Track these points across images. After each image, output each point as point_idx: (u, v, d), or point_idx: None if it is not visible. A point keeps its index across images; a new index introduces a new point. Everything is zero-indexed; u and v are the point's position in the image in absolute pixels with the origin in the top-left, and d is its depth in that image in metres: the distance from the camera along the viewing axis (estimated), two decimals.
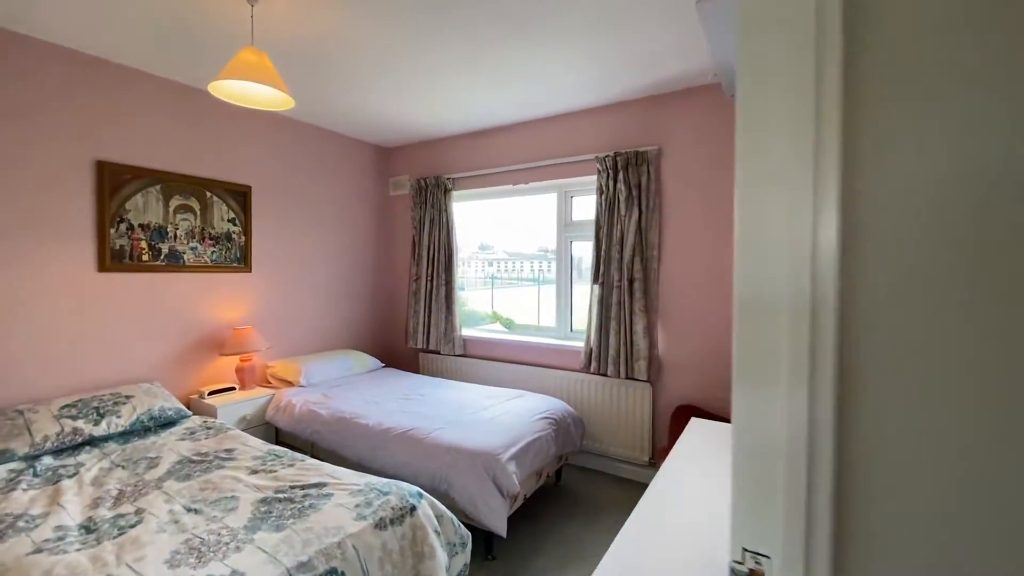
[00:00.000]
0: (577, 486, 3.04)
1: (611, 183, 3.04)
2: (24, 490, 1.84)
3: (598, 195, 3.11)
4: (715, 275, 2.82)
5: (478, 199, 4.02)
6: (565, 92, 2.97)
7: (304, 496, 1.76)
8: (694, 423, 1.86)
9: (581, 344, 3.32)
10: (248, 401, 2.99)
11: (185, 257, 2.96)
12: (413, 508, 1.74)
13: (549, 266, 3.80)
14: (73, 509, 1.71)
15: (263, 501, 1.73)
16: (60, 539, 1.51)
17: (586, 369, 3.20)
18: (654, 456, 3.03)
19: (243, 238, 3.27)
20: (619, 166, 2.99)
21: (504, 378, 3.60)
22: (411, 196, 4.16)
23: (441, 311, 3.89)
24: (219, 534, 1.53)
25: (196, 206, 3.01)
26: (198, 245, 3.03)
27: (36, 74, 2.35)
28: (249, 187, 3.28)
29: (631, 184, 2.96)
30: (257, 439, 2.41)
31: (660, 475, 1.38)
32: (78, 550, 1.46)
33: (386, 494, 1.76)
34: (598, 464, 3.25)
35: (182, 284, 2.96)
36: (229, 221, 3.19)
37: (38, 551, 1.44)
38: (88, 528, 1.59)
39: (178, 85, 2.89)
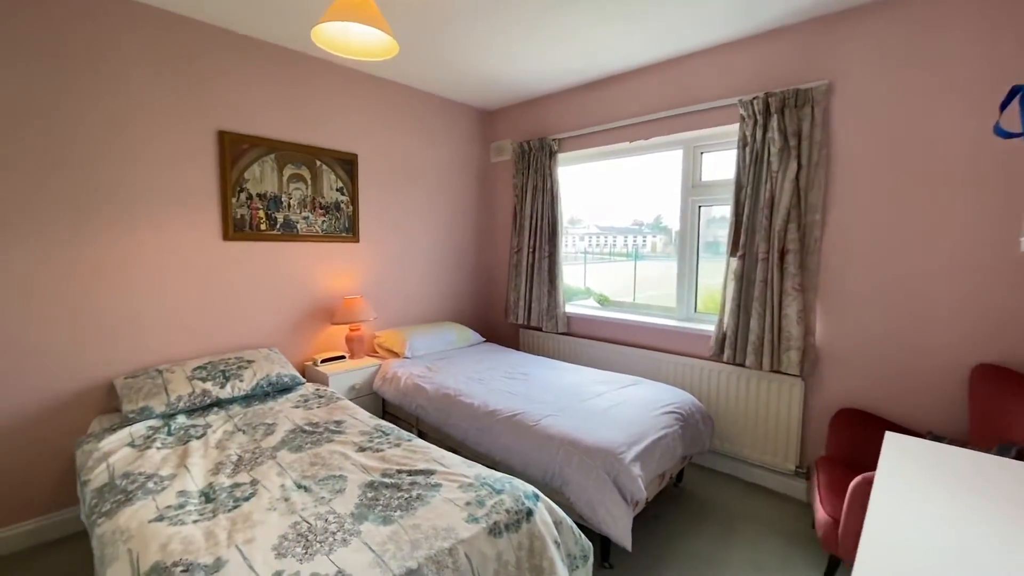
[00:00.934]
0: (703, 491, 2.65)
1: (758, 132, 2.49)
2: (158, 448, 1.91)
3: (740, 148, 2.58)
4: (905, 242, 2.19)
5: (586, 161, 3.63)
6: (704, 21, 2.45)
7: (411, 484, 1.61)
8: (893, 440, 1.40)
9: (708, 328, 2.86)
10: (357, 371, 2.99)
11: (299, 227, 2.98)
12: (530, 512, 1.50)
13: (644, 240, 3.44)
14: (197, 473, 1.72)
15: (370, 485, 1.61)
16: (181, 507, 1.50)
17: (716, 357, 2.74)
18: (802, 465, 2.53)
19: (351, 207, 3.24)
20: (771, 110, 2.43)
21: (614, 361, 3.26)
22: (513, 162, 3.89)
23: (544, 285, 3.62)
24: (326, 520, 1.42)
25: (307, 175, 3.01)
26: (310, 215, 3.03)
27: (161, 45, 2.39)
28: (355, 155, 3.22)
29: (787, 132, 2.39)
30: (365, 412, 2.34)
31: (873, 514, 0.99)
32: (195, 521, 1.43)
33: (499, 492, 1.55)
34: (728, 467, 2.82)
35: (297, 253, 2.99)
36: (337, 190, 3.16)
37: (159, 519, 1.43)
38: (208, 496, 1.58)
39: (288, 52, 2.85)
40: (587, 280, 3.97)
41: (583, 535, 1.63)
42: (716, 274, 2.89)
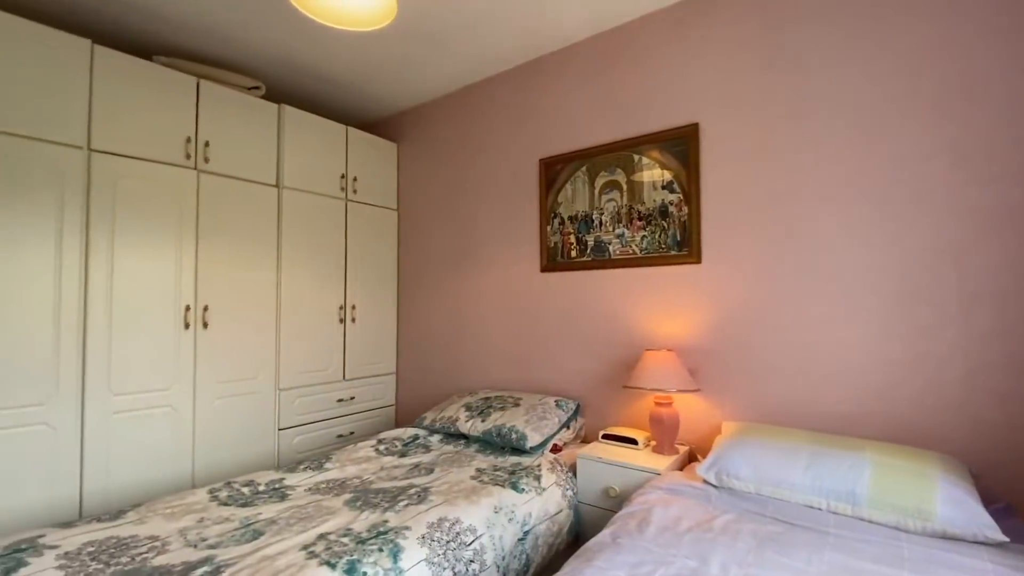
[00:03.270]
0: None
1: None
2: (379, 453, 2.19)
3: None
4: None
5: None
6: None
7: None
8: None
9: None
10: (627, 469, 1.83)
11: (611, 248, 2.27)
12: None
13: None
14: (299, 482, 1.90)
15: None
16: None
17: None
18: None
19: (684, 208, 2.06)
20: None
21: None
22: None
23: None
24: None
25: (622, 179, 2.25)
26: (624, 230, 2.23)
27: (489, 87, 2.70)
28: (694, 126, 2.04)
29: None
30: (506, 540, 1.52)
31: None
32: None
33: None
34: None
35: (605, 283, 2.29)
36: (664, 188, 2.12)
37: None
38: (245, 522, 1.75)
39: (591, 40, 2.33)
40: None
41: None
42: None
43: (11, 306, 1.76)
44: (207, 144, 2.28)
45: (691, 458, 1.98)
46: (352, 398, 2.86)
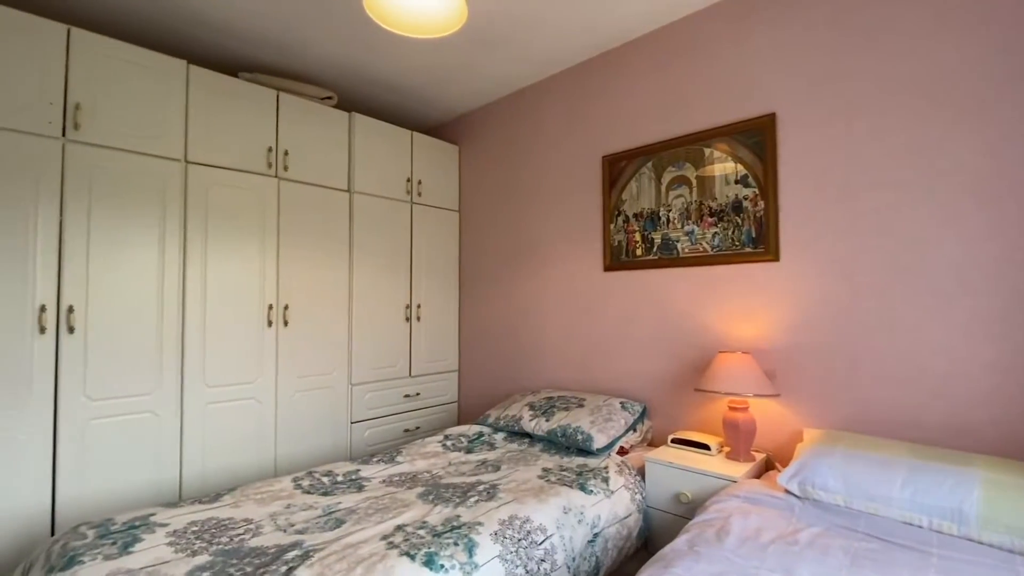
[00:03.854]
0: None
1: None
2: (446, 449, 2.25)
3: None
4: None
5: None
6: None
7: None
8: None
9: None
10: (699, 475, 1.77)
11: (679, 246, 2.21)
12: None
13: None
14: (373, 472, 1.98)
15: None
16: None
17: None
18: None
19: (760, 203, 1.96)
20: None
21: None
22: None
23: None
24: None
25: (691, 174, 2.18)
26: (694, 227, 2.16)
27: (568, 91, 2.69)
28: (771, 116, 1.94)
29: None
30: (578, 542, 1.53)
31: None
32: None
33: None
34: None
35: (674, 283, 2.22)
36: (737, 182, 2.03)
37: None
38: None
39: (655, 34, 2.27)
40: None
41: None
42: None
43: (124, 305, 1.96)
44: (286, 153, 2.43)
45: (768, 466, 1.88)
46: (418, 394, 2.95)
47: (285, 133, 2.43)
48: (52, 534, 1.78)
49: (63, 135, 1.83)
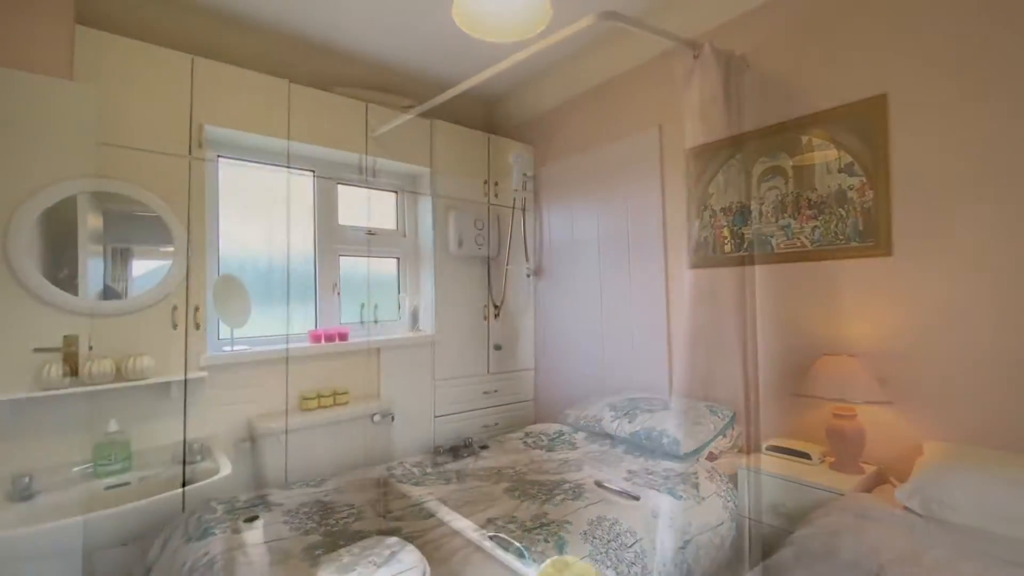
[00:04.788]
0: None
1: None
2: (525, 447, 2.28)
3: None
4: None
5: None
6: None
7: None
8: None
9: None
10: (800, 485, 1.66)
11: (773, 241, 2.08)
12: None
13: None
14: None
15: None
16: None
17: None
18: None
19: (868, 193, 1.80)
20: None
21: None
22: None
23: None
24: None
25: (786, 165, 2.04)
26: (791, 221, 2.02)
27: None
28: (881, 97, 1.77)
29: None
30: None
31: None
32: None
33: None
34: None
35: (767, 280, 2.09)
36: (841, 171, 1.88)
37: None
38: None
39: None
40: None
41: None
42: None
43: None
44: (374, 162, 2.57)
45: (880, 480, 1.72)
46: (496, 391, 3.01)
47: (373, 142, 2.57)
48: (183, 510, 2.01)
49: (189, 153, 2.05)
